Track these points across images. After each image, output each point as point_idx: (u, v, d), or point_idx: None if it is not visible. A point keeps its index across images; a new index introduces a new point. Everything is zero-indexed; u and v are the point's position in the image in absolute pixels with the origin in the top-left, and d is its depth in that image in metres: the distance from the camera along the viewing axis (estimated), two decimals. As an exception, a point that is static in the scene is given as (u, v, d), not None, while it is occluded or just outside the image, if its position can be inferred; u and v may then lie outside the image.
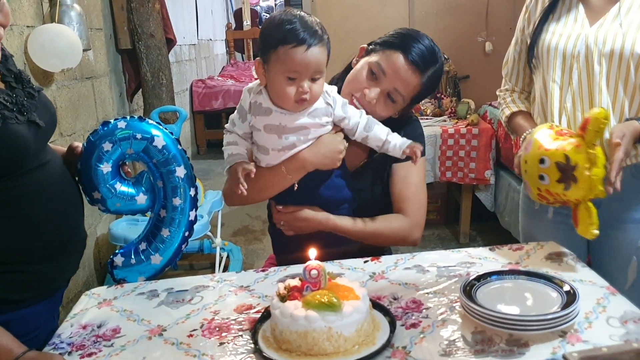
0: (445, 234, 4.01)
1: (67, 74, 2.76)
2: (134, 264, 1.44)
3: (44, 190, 1.27)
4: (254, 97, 1.42)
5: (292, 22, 1.32)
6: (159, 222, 1.44)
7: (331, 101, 1.43)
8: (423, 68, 1.49)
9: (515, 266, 1.39)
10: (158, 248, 1.43)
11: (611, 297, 1.21)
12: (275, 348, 1.08)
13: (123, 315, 1.30)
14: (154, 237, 1.44)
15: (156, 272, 1.46)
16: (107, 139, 1.38)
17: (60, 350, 1.17)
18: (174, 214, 1.43)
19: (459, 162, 3.60)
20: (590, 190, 1.32)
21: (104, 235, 3.12)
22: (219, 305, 1.30)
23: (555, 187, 1.37)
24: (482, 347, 1.06)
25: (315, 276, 1.10)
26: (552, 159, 1.36)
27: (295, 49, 1.31)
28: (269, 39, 1.35)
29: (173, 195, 1.42)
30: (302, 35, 1.31)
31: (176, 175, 1.42)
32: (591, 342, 1.05)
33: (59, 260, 1.32)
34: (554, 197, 1.40)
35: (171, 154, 1.42)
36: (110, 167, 1.39)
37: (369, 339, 1.09)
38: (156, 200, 1.44)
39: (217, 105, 5.99)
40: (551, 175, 1.36)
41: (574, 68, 1.55)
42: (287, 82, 1.34)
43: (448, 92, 4.00)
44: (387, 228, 1.56)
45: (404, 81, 1.49)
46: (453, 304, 1.22)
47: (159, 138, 1.41)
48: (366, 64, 1.51)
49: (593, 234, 1.33)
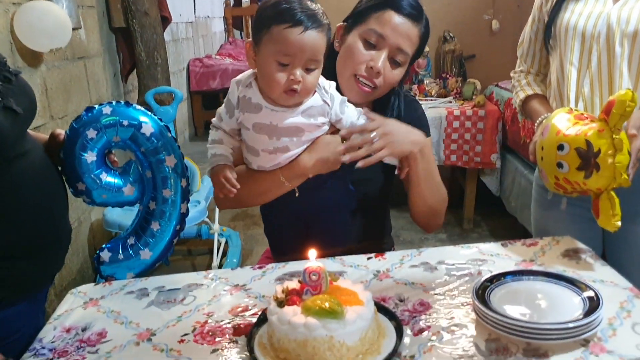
0: (448, 218, 3.91)
1: (57, 54, 2.65)
2: (122, 260, 1.34)
3: (24, 181, 1.18)
4: (243, 91, 1.29)
5: (291, 2, 1.20)
6: (148, 215, 1.34)
7: (328, 99, 1.30)
8: (418, 16, 1.39)
9: (530, 264, 1.30)
10: (148, 243, 1.34)
11: (635, 300, 1.12)
12: (273, 357, 1.00)
13: (110, 316, 1.21)
14: (143, 231, 1.35)
15: (146, 268, 1.37)
16: (92, 126, 1.28)
17: (41, 357, 1.08)
18: (164, 206, 1.33)
19: (464, 145, 3.50)
20: (613, 179, 1.21)
21: (98, 221, 3.04)
22: (213, 306, 1.22)
23: (574, 176, 1.27)
24: (497, 357, 0.98)
25: (316, 279, 1.01)
26: (572, 144, 1.25)
27: (290, 29, 1.18)
28: (263, 17, 1.23)
29: (163, 186, 1.33)
30: (300, 16, 1.19)
31: (166, 164, 1.32)
32: (616, 353, 0.96)
33: (41, 257, 1.23)
34: (572, 187, 1.30)
35: (160, 142, 1.31)
36: (95, 156, 1.29)
37: (373, 347, 1.00)
38: (145, 192, 1.35)
39: (215, 85, 5.86)
40: (570, 163, 1.26)
41: (593, 50, 1.45)
42: (277, 67, 1.21)
43: (453, 72, 3.89)
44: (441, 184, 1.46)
45: (405, 37, 1.37)
46: (464, 307, 1.14)
47: (147, 125, 1.30)
48: (357, 37, 1.39)
49: (615, 225, 1.24)
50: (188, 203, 1.37)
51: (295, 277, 1.08)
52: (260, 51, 1.23)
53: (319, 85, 1.29)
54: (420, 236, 3.64)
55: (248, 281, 1.32)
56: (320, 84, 1.30)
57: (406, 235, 3.65)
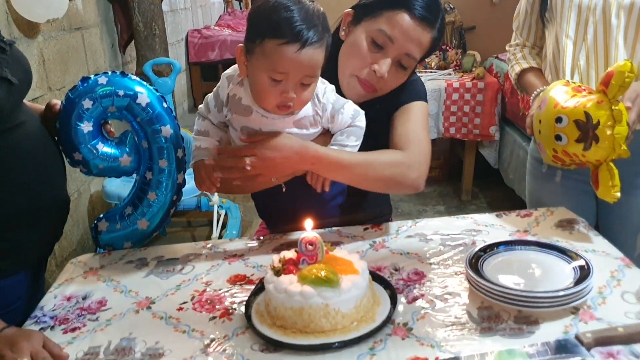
0: (447, 191, 3.94)
1: (54, 24, 2.63)
2: (119, 230, 1.36)
3: (21, 152, 1.19)
4: (234, 89, 1.22)
5: (289, 9, 1.08)
6: (145, 185, 1.35)
7: (320, 109, 1.23)
8: (432, 20, 1.26)
9: (524, 234, 1.31)
10: (145, 212, 1.35)
11: (626, 269, 1.14)
12: (270, 324, 1.02)
13: (110, 285, 1.23)
14: (140, 200, 1.35)
15: (143, 238, 1.38)
16: (87, 96, 1.27)
17: (42, 324, 1.11)
18: (160, 176, 1.34)
19: (463, 117, 3.50)
20: (612, 150, 1.22)
21: (98, 193, 3.06)
22: (211, 276, 1.24)
23: (573, 148, 1.27)
24: (489, 324, 1.00)
25: (312, 249, 1.03)
26: (571, 117, 1.26)
27: (285, 46, 1.08)
28: (256, 27, 1.12)
29: (159, 156, 1.33)
30: (298, 29, 1.08)
31: (162, 135, 1.32)
32: (605, 320, 0.98)
33: (40, 227, 1.25)
34: (571, 159, 1.31)
35: (156, 112, 1.31)
36: (91, 126, 1.29)
37: (368, 315, 1.02)
38: (141, 162, 1.35)
39: (214, 57, 5.81)
40: (569, 135, 1.27)
41: (589, 22, 1.44)
42: (270, 82, 1.12)
43: (453, 44, 3.86)
44: (379, 160, 1.26)
45: (416, 42, 1.26)
46: (457, 276, 1.16)
47: (143, 95, 1.30)
48: (365, 35, 1.27)
49: (615, 196, 1.25)
50: (184, 173, 1.38)
51: (292, 247, 1.09)
52: (252, 62, 1.14)
53: None
54: (418, 208, 3.66)
55: (246, 251, 1.34)
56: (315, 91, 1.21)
57: (404, 207, 3.67)
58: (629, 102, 1.27)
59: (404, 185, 1.29)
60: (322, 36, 1.11)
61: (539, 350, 0.91)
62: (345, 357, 0.94)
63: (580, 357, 0.89)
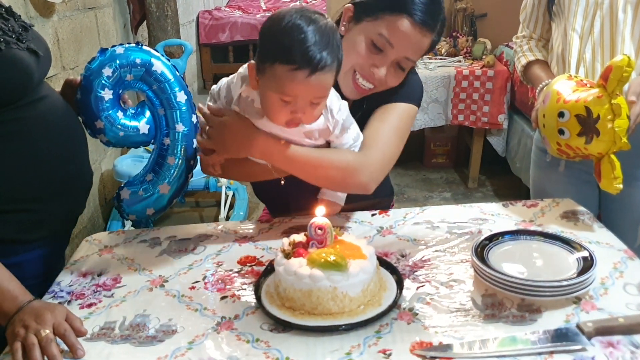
0: (453, 177, 3.96)
1: (68, 4, 2.65)
2: (142, 196, 1.38)
3: (47, 123, 1.23)
4: (247, 90, 1.22)
5: (302, 32, 1.07)
6: (163, 151, 1.38)
7: (332, 124, 1.23)
8: (433, 24, 1.25)
9: (529, 224, 1.34)
10: (166, 177, 1.38)
11: (629, 261, 1.16)
12: (279, 305, 1.05)
13: (124, 263, 1.27)
14: (160, 166, 1.39)
15: (165, 204, 1.40)
16: (107, 65, 1.32)
17: (59, 299, 1.14)
18: (178, 141, 1.37)
19: (472, 105, 3.50)
20: (613, 143, 1.25)
21: (109, 172, 3.09)
22: (222, 257, 1.27)
23: (576, 141, 1.30)
24: (493, 311, 1.03)
25: (321, 233, 1.06)
26: (572, 111, 1.28)
27: (296, 72, 1.08)
28: (269, 45, 1.11)
29: (176, 121, 1.37)
30: (310, 55, 1.07)
31: (178, 100, 1.36)
32: (606, 310, 1.01)
33: (67, 197, 1.30)
34: (574, 152, 1.33)
35: (170, 80, 1.36)
36: (111, 95, 1.33)
37: (374, 299, 1.05)
38: (158, 130, 1.39)
39: (224, 38, 5.81)
40: (571, 129, 1.29)
41: (596, 16, 1.45)
42: (279, 102, 1.13)
43: (464, 31, 3.85)
44: (329, 159, 1.25)
45: (415, 47, 1.26)
46: (463, 264, 1.18)
47: (158, 63, 1.35)
48: (364, 36, 1.26)
49: (617, 188, 1.27)
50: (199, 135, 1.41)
51: (301, 231, 1.12)
52: (263, 81, 1.14)
53: (326, 108, 1.21)
54: (424, 194, 3.69)
55: (256, 233, 1.37)
56: (328, 106, 1.22)
57: (411, 193, 3.69)
58: (633, 97, 1.29)
59: (351, 186, 1.30)
60: (333, 58, 1.11)
61: (540, 338, 0.94)
62: (351, 339, 0.97)
63: (581, 346, 0.91)
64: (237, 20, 5.86)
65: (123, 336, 1.01)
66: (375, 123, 1.32)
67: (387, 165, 1.31)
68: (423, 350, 0.93)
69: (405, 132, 1.35)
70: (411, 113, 1.37)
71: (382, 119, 1.33)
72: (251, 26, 5.78)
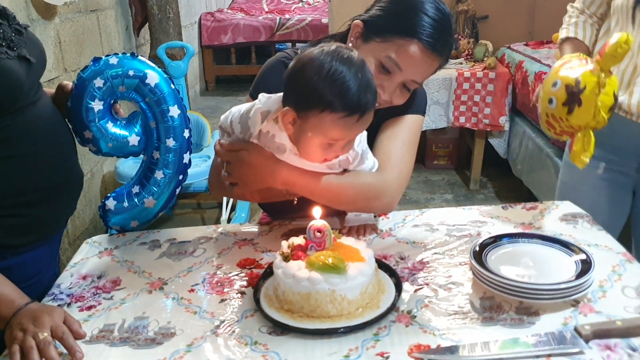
0: (455, 179, 3.96)
1: (70, 6, 2.66)
2: (127, 208, 1.38)
3: (38, 128, 1.23)
4: (267, 126, 1.19)
5: (346, 79, 1.06)
6: (152, 165, 1.38)
7: (352, 156, 1.23)
8: (442, 49, 1.24)
9: (528, 227, 1.34)
10: (152, 191, 1.37)
11: (627, 264, 1.16)
12: (277, 308, 1.06)
13: (124, 266, 1.27)
14: (147, 180, 1.38)
15: (150, 217, 1.41)
16: (99, 76, 1.30)
17: (59, 302, 1.15)
18: (167, 155, 1.36)
19: (473, 107, 3.50)
20: (593, 117, 1.26)
21: (110, 173, 3.10)
22: (222, 259, 1.27)
23: (560, 112, 1.32)
24: (491, 314, 1.03)
25: (320, 236, 1.06)
26: (564, 81, 1.31)
27: (346, 119, 1.08)
28: (312, 94, 1.08)
29: (167, 136, 1.36)
30: (360, 102, 1.07)
31: (170, 115, 1.35)
32: (604, 314, 1.01)
33: (56, 202, 1.29)
34: (558, 124, 1.34)
35: (164, 93, 1.34)
36: (101, 105, 1.32)
37: (373, 301, 1.05)
38: (149, 142, 1.38)
39: (227, 40, 5.83)
40: (558, 98, 1.31)
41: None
42: (324, 145, 1.13)
43: (466, 33, 3.85)
44: (351, 184, 1.25)
45: (423, 71, 1.26)
46: (462, 266, 1.19)
47: (152, 76, 1.33)
48: (373, 57, 1.24)
49: (583, 161, 1.29)
50: (190, 154, 1.41)
51: (301, 234, 1.12)
52: (305, 128, 1.12)
53: None
54: (426, 196, 3.69)
55: (256, 236, 1.37)
56: None
57: (412, 195, 3.70)
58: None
59: (374, 209, 1.33)
60: (375, 97, 1.11)
61: (538, 341, 0.94)
62: (350, 341, 0.97)
63: (578, 349, 0.92)
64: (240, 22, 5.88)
65: (122, 338, 1.02)
66: (386, 140, 1.33)
67: (404, 182, 1.32)
68: (421, 353, 0.93)
69: (415, 144, 1.37)
70: (419, 123, 1.38)
71: (393, 135, 1.33)
72: (253, 28, 5.79)
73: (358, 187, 1.26)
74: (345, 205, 1.32)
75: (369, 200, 1.28)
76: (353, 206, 1.32)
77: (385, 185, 1.27)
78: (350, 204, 1.30)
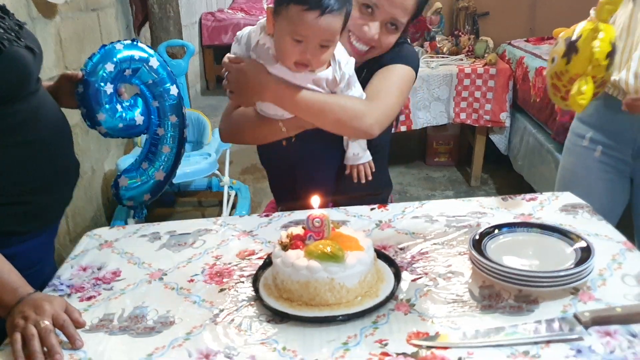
0: (456, 176, 3.96)
1: (71, 4, 2.67)
2: (139, 183, 1.51)
3: (40, 116, 1.26)
4: (264, 38, 1.31)
5: None
6: (156, 141, 1.51)
7: (339, 76, 1.32)
8: None
9: (528, 218, 1.34)
10: (161, 164, 1.52)
11: (628, 253, 1.16)
12: (276, 297, 1.06)
13: (124, 257, 1.27)
14: (154, 155, 1.52)
15: (160, 188, 1.55)
16: (109, 60, 1.41)
17: (59, 292, 1.15)
18: (171, 131, 1.51)
19: (474, 103, 3.50)
20: (590, 63, 1.26)
21: (112, 171, 3.11)
22: (221, 250, 1.28)
23: (560, 66, 1.32)
24: (490, 302, 1.03)
25: (319, 225, 1.06)
26: (564, 37, 1.33)
27: (307, 12, 1.19)
28: None
29: (170, 113, 1.49)
30: None
31: (171, 93, 1.49)
32: (604, 301, 1.01)
33: (57, 189, 1.32)
34: (561, 82, 1.34)
35: (165, 73, 1.49)
36: (112, 89, 1.43)
37: (372, 290, 1.05)
38: (151, 121, 1.50)
39: (227, 40, 5.83)
40: (559, 53, 1.32)
41: None
42: (291, 42, 1.23)
43: (466, 30, 3.85)
44: (337, 102, 1.33)
45: (401, 8, 1.36)
46: (461, 256, 1.18)
47: (154, 58, 1.47)
48: (355, 1, 1.33)
49: (580, 104, 1.27)
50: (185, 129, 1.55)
51: (300, 224, 1.12)
52: (278, 23, 1.25)
53: (334, 59, 1.31)
54: (427, 192, 3.69)
55: (255, 227, 1.37)
56: (336, 58, 1.31)
57: (413, 191, 3.70)
58: None
59: (357, 129, 1.35)
60: (342, 5, 1.22)
61: (537, 327, 0.94)
62: (348, 329, 0.97)
63: (578, 335, 0.91)
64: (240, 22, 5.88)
65: (121, 327, 1.02)
66: (376, 81, 1.41)
67: (390, 113, 1.39)
68: (419, 340, 0.93)
69: (404, 91, 1.44)
70: (410, 74, 1.45)
71: (382, 77, 1.41)
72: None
73: (342, 105, 1.33)
74: (330, 124, 1.36)
75: (352, 119, 1.33)
76: (336, 125, 1.36)
77: (370, 109, 1.34)
78: (333, 122, 1.35)
